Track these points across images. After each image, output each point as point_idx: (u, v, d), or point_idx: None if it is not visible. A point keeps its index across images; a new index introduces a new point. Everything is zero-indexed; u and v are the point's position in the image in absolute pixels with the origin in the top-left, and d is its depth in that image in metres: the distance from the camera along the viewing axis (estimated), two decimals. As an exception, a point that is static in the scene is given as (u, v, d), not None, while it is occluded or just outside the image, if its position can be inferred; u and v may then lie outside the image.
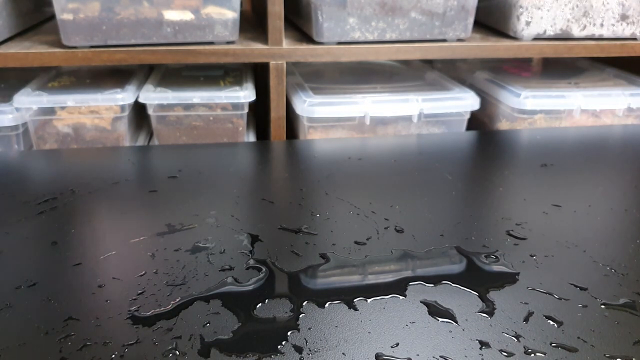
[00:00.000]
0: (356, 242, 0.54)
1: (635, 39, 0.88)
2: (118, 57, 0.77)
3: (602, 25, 0.86)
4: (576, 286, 0.48)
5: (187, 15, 0.77)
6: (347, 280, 0.49)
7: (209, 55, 0.78)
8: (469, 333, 0.42)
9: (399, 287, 0.47)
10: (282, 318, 0.43)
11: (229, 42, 0.80)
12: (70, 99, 0.78)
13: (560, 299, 0.46)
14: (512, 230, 0.56)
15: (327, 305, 0.45)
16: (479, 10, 0.83)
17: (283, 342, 0.41)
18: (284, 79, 0.81)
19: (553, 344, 0.41)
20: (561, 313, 0.44)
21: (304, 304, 0.45)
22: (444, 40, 0.84)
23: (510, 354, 0.40)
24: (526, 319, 0.43)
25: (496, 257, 0.52)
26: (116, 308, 0.44)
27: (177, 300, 0.45)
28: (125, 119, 0.80)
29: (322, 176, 0.69)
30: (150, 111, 0.81)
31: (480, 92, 0.90)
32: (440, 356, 0.39)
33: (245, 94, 0.81)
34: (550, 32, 0.86)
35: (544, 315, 0.44)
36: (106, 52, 0.76)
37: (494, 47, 0.85)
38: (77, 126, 0.80)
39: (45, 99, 0.78)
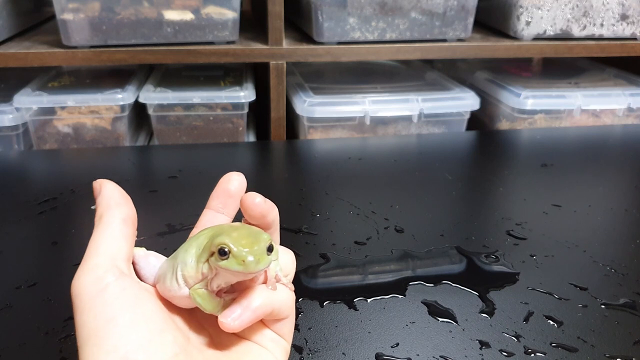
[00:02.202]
0: (356, 242, 0.54)
1: (635, 39, 0.88)
2: (118, 57, 0.77)
3: (602, 25, 0.86)
4: (576, 286, 0.48)
5: (187, 15, 0.77)
6: (347, 280, 0.49)
7: (209, 55, 0.78)
8: (469, 333, 0.42)
9: (399, 287, 0.47)
10: (282, 318, 0.43)
11: (229, 42, 0.80)
12: (70, 99, 0.78)
13: (560, 299, 0.46)
14: (512, 230, 0.56)
15: (327, 305, 0.45)
16: (479, 10, 0.83)
17: (283, 342, 0.41)
18: (284, 79, 0.81)
19: (553, 344, 0.41)
20: (561, 313, 0.44)
21: (304, 303, 0.45)
22: (444, 40, 0.84)
23: (510, 354, 0.40)
24: (526, 319, 0.43)
25: (496, 257, 0.52)
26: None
27: (177, 300, 0.45)
28: (125, 119, 0.80)
29: (322, 176, 0.69)
30: (150, 111, 0.81)
31: (480, 92, 0.90)
32: (440, 356, 0.39)
33: (246, 94, 0.81)
34: (550, 32, 0.86)
35: (544, 315, 0.44)
36: (106, 52, 0.76)
37: (494, 47, 0.85)
38: (77, 126, 0.80)
39: (45, 99, 0.78)
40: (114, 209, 0.31)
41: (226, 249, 0.26)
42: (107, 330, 0.26)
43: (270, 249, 0.27)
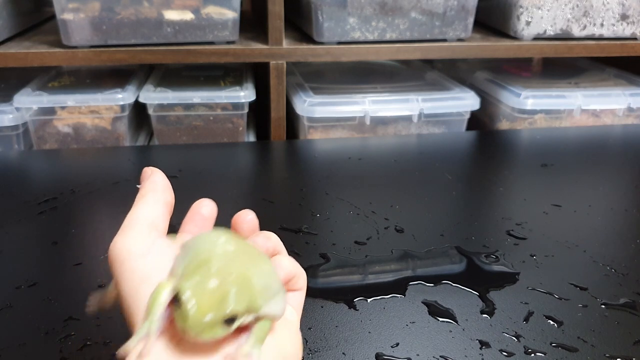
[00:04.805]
0: (356, 242, 0.54)
1: (635, 39, 0.88)
2: (118, 57, 0.77)
3: (602, 25, 0.86)
4: (576, 286, 0.48)
5: (187, 15, 0.77)
6: (347, 280, 0.49)
7: (209, 55, 0.78)
8: (469, 333, 0.42)
9: (399, 287, 0.47)
10: (282, 318, 0.43)
11: (229, 42, 0.80)
12: (70, 99, 0.78)
13: (560, 299, 0.46)
14: (512, 230, 0.56)
15: (327, 305, 0.45)
16: (479, 10, 0.83)
17: (283, 342, 0.41)
18: (284, 79, 0.81)
19: (553, 344, 0.41)
20: (561, 313, 0.44)
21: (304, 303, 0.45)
22: (444, 40, 0.84)
23: (510, 354, 0.40)
24: (526, 319, 0.43)
25: (496, 257, 0.52)
26: (116, 308, 0.44)
27: (177, 300, 0.45)
28: (125, 119, 0.80)
29: (322, 176, 0.69)
30: (150, 111, 0.81)
31: (480, 92, 0.90)
32: (440, 356, 0.39)
33: (246, 94, 0.81)
34: (550, 32, 0.86)
35: (544, 315, 0.44)
36: (106, 52, 0.76)
37: (494, 47, 0.85)
38: (77, 126, 0.80)
39: (45, 99, 0.78)
40: (158, 192, 0.33)
41: (181, 298, 0.24)
42: (141, 289, 0.27)
43: (230, 321, 0.24)
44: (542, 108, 0.87)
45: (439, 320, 0.43)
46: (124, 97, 0.79)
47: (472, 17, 0.83)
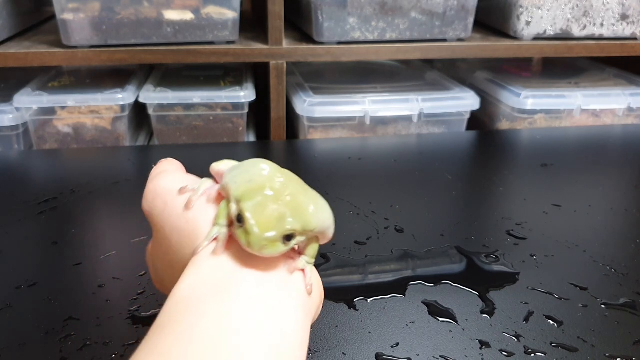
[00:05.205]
0: (356, 242, 0.54)
1: (635, 39, 0.88)
2: (118, 57, 0.77)
3: (602, 25, 0.86)
4: (576, 286, 0.48)
5: (187, 15, 0.77)
6: (347, 280, 0.49)
7: (209, 55, 0.78)
8: (469, 333, 0.42)
9: (399, 287, 0.47)
10: (282, 318, 0.43)
11: (229, 42, 0.80)
12: (71, 99, 0.78)
13: (560, 299, 0.46)
14: (512, 230, 0.56)
15: (327, 305, 0.45)
16: (479, 10, 0.83)
17: (283, 342, 0.41)
18: (284, 79, 0.81)
19: (553, 344, 0.41)
20: (561, 313, 0.44)
21: (304, 304, 0.45)
22: (444, 40, 0.84)
23: (510, 354, 0.40)
24: (526, 319, 0.43)
25: (496, 257, 0.52)
26: (116, 308, 0.44)
27: (177, 300, 0.45)
28: (125, 119, 0.80)
29: (322, 176, 0.69)
30: (150, 111, 0.81)
31: (480, 92, 0.90)
32: (440, 356, 0.39)
33: (246, 94, 0.81)
34: (550, 32, 0.86)
35: (544, 315, 0.44)
36: (106, 52, 0.76)
37: (494, 47, 0.85)
38: (77, 126, 0.80)
39: (45, 99, 0.78)
40: (174, 164, 0.36)
41: (245, 216, 0.26)
42: (210, 206, 0.30)
43: (289, 238, 0.26)
44: (542, 108, 0.87)
45: (439, 320, 0.43)
46: (124, 97, 0.79)
47: (472, 17, 0.83)
